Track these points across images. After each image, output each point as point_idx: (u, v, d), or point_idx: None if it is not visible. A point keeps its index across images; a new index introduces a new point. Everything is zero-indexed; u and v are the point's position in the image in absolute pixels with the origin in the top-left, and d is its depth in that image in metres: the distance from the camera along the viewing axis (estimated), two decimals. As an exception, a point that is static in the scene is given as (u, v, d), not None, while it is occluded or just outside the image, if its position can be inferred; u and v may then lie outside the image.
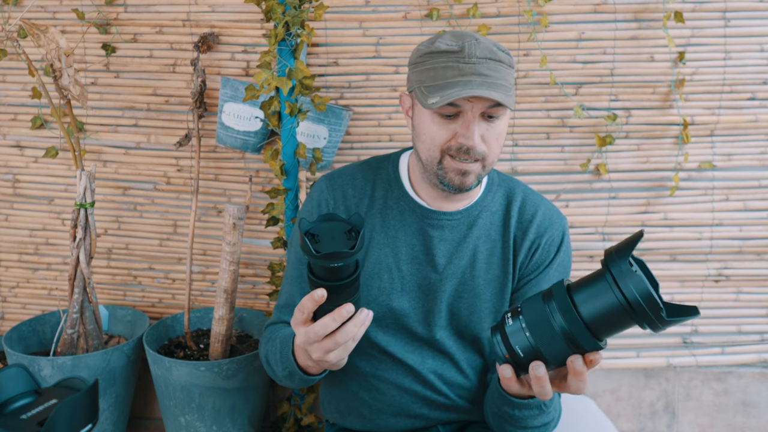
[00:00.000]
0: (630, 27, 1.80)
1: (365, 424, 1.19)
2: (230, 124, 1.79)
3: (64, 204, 2.00)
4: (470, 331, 1.14)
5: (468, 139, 1.01)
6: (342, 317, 0.82)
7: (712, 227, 1.90)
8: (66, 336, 1.74)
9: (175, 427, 1.74)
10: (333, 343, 0.85)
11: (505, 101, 0.98)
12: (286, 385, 1.10)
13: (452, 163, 1.04)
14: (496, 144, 1.05)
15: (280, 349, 1.05)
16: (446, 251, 1.13)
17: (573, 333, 0.70)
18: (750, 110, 1.84)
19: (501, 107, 1.01)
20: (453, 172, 1.05)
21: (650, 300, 0.66)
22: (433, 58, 1.03)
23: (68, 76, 1.60)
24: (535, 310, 0.73)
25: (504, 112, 1.03)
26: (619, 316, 0.68)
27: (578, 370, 0.73)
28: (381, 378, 1.16)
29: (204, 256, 1.99)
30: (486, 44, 1.01)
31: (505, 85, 1.01)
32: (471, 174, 1.05)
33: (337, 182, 1.18)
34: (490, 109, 1.01)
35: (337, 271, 0.78)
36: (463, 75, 0.99)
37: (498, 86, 0.99)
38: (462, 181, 1.05)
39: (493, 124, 1.03)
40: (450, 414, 1.18)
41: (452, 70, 1.00)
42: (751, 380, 1.93)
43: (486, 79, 0.99)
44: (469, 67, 0.99)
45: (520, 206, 1.16)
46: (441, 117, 1.03)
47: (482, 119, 1.02)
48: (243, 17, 1.84)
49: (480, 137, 1.02)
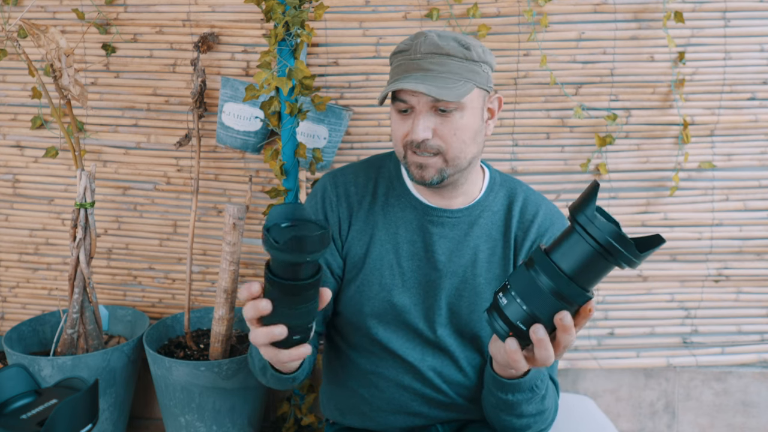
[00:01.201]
0: (630, 27, 1.80)
1: (365, 421, 1.20)
2: (230, 124, 1.79)
3: (64, 204, 2.00)
4: (470, 330, 1.14)
5: (413, 133, 1.04)
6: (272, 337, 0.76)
7: (712, 227, 1.90)
8: (66, 336, 1.74)
9: (175, 427, 1.74)
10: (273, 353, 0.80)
11: (437, 94, 0.98)
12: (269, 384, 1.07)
13: (412, 157, 1.07)
14: (455, 139, 1.05)
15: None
16: (446, 249, 1.14)
17: (560, 289, 0.73)
18: (750, 110, 1.84)
19: (449, 102, 1.02)
20: (414, 165, 1.08)
21: (620, 238, 0.69)
22: (394, 59, 1.09)
23: (68, 76, 1.60)
24: (522, 280, 0.76)
25: (459, 107, 1.03)
26: (596, 261, 0.71)
27: (566, 325, 0.75)
28: (381, 375, 1.16)
29: (204, 256, 1.99)
30: (433, 40, 1.04)
31: (450, 78, 1.01)
32: (430, 168, 1.06)
33: (340, 180, 1.19)
34: (438, 103, 1.02)
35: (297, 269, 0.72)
36: (407, 71, 1.03)
37: (437, 79, 1.01)
38: (422, 174, 1.07)
39: (448, 118, 1.04)
40: (449, 412, 1.18)
41: (401, 67, 1.05)
42: (751, 380, 1.93)
43: (427, 74, 1.02)
44: (413, 63, 1.03)
45: (522, 206, 1.17)
46: (398, 113, 1.08)
47: (434, 113, 1.04)
48: (243, 17, 1.84)
49: (429, 130, 1.04)
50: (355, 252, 1.14)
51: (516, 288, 0.77)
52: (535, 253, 0.76)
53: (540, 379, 1.02)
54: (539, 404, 1.04)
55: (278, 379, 1.01)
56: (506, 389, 1.01)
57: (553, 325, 0.76)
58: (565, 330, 0.75)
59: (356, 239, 1.15)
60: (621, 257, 0.70)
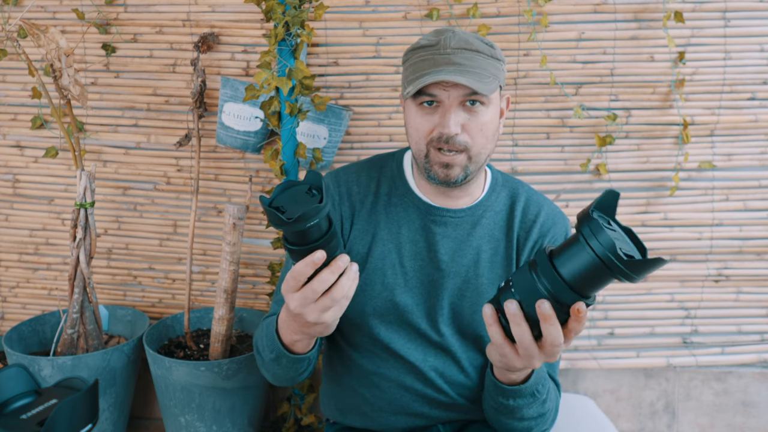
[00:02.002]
0: (630, 27, 1.80)
1: (365, 421, 1.20)
2: (230, 124, 1.79)
3: (64, 204, 2.00)
4: (473, 330, 1.14)
5: (444, 127, 1.03)
6: (339, 269, 0.82)
7: (712, 227, 1.90)
8: (66, 336, 1.74)
9: (175, 427, 1.74)
10: (330, 300, 0.83)
11: (476, 86, 0.99)
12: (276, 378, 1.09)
13: (437, 155, 1.05)
14: (481, 135, 1.05)
15: (266, 332, 1.05)
16: (449, 248, 1.14)
17: (558, 294, 0.75)
18: (750, 110, 1.84)
19: (480, 95, 1.02)
20: (437, 165, 1.06)
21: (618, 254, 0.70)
22: (415, 54, 1.06)
23: (68, 76, 1.60)
24: (524, 279, 0.78)
25: (486, 102, 1.04)
26: (594, 271, 0.72)
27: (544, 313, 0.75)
28: (382, 375, 1.16)
29: (204, 256, 1.99)
30: (462, 35, 1.03)
31: (482, 73, 1.01)
32: (455, 167, 1.06)
33: (342, 179, 1.19)
34: (469, 97, 1.02)
35: (313, 231, 0.78)
36: (437, 65, 1.02)
37: (471, 73, 1.00)
38: (447, 174, 1.06)
39: (475, 114, 1.04)
40: (450, 413, 1.18)
41: (428, 62, 1.03)
42: (751, 380, 1.93)
43: (459, 67, 1.01)
44: (443, 58, 1.02)
45: (524, 207, 1.17)
46: (422, 108, 1.06)
47: (462, 108, 1.03)
48: (243, 17, 1.84)
49: (459, 125, 1.03)
50: (357, 251, 1.14)
51: (517, 286, 0.78)
52: (539, 255, 0.77)
53: (541, 384, 1.02)
54: (540, 407, 1.05)
55: (293, 362, 1.01)
56: (507, 394, 1.01)
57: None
58: (545, 319, 0.75)
59: (358, 238, 1.15)
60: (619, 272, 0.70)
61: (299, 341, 0.97)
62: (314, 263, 0.80)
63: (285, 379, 1.09)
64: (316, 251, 0.80)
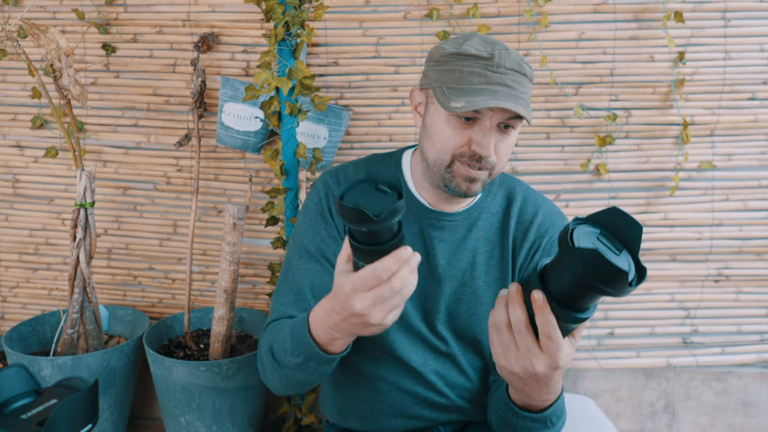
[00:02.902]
0: (630, 27, 1.80)
1: (365, 424, 1.19)
2: (230, 124, 1.79)
3: (64, 204, 2.00)
4: (470, 333, 1.14)
5: (483, 148, 1.01)
6: (415, 267, 0.78)
7: (712, 227, 1.90)
8: (66, 336, 1.74)
9: (175, 427, 1.74)
10: (401, 299, 0.78)
11: (526, 115, 0.98)
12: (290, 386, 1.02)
13: (461, 169, 1.03)
14: (506, 155, 1.06)
15: (290, 335, 0.97)
16: (446, 252, 1.13)
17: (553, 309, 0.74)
18: (750, 110, 1.84)
19: (518, 120, 1.01)
20: (461, 177, 1.04)
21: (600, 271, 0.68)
22: (459, 60, 1.01)
23: (68, 76, 1.60)
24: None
25: (519, 124, 1.04)
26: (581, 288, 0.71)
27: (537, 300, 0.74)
28: (383, 378, 1.16)
29: (204, 256, 1.99)
30: (514, 56, 1.01)
31: (525, 98, 1.01)
32: (478, 182, 1.05)
33: (342, 177, 1.18)
34: (508, 120, 1.01)
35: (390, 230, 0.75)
36: (490, 83, 0.98)
37: (520, 99, 0.99)
38: (469, 187, 1.05)
39: (506, 135, 1.04)
40: (450, 414, 1.18)
41: (479, 76, 0.99)
42: (751, 380, 1.93)
43: (511, 91, 0.99)
44: (497, 77, 0.99)
45: (520, 207, 1.16)
46: (458, 120, 1.02)
47: (498, 130, 1.02)
48: (243, 17, 1.84)
49: (494, 147, 1.02)
50: None
51: None
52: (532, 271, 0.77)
53: (556, 416, 0.98)
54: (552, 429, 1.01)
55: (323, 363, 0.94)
56: (519, 417, 0.97)
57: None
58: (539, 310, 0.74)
59: None
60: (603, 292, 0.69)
61: (339, 339, 0.90)
62: (404, 261, 0.75)
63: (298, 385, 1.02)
64: (406, 248, 0.76)
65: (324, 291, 1.08)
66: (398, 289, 0.77)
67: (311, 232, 1.14)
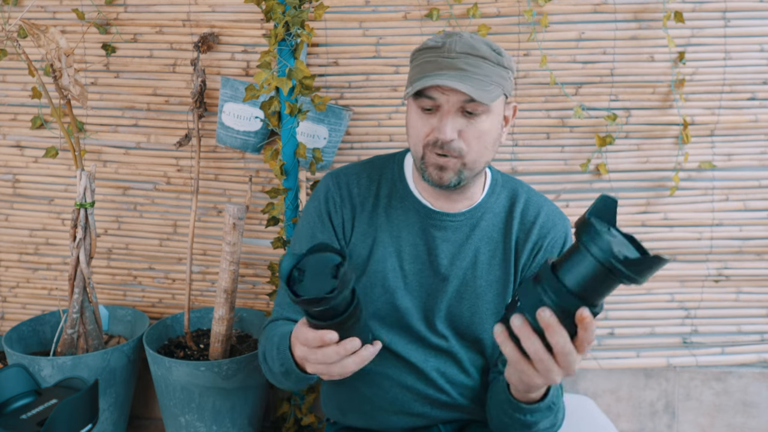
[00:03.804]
0: (630, 27, 1.80)
1: (366, 421, 1.19)
2: (230, 124, 1.79)
3: (64, 204, 2.00)
4: (472, 333, 1.14)
5: (440, 132, 1.02)
6: (346, 351, 0.82)
7: (712, 227, 1.90)
8: (66, 336, 1.74)
9: (175, 427, 1.74)
10: (330, 370, 0.85)
11: (475, 95, 0.97)
12: (283, 385, 1.08)
13: (432, 157, 1.05)
14: (478, 142, 1.04)
15: (277, 345, 1.03)
16: (449, 252, 1.13)
17: (564, 305, 0.73)
18: (750, 110, 1.84)
19: (479, 104, 1.01)
20: (432, 166, 1.06)
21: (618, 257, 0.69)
22: (421, 55, 1.06)
23: (68, 76, 1.60)
24: (530, 295, 0.76)
25: (486, 111, 1.03)
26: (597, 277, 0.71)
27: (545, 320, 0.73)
28: (384, 375, 1.16)
29: (204, 256, 1.99)
30: (469, 40, 1.02)
31: (483, 80, 1.00)
32: (449, 170, 1.05)
33: (343, 180, 1.18)
34: (467, 104, 1.01)
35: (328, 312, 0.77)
36: (439, 68, 1.01)
37: (472, 80, 0.99)
38: (440, 176, 1.05)
39: (474, 121, 1.03)
40: (451, 412, 1.18)
41: (432, 64, 1.02)
42: (751, 380, 1.93)
43: (461, 73, 0.99)
44: (447, 62, 1.01)
45: (523, 208, 1.16)
46: (422, 111, 1.05)
47: (461, 115, 1.03)
48: (243, 17, 1.84)
49: (455, 132, 1.02)
50: (359, 254, 1.14)
51: (523, 301, 0.76)
52: (543, 268, 0.76)
53: (557, 396, 1.00)
54: (554, 418, 1.03)
55: (303, 379, 1.01)
56: (524, 411, 0.98)
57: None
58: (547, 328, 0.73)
59: (359, 241, 1.14)
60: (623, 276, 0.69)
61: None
62: (324, 341, 0.80)
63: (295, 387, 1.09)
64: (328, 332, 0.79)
65: None
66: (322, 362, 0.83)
67: (308, 234, 1.16)
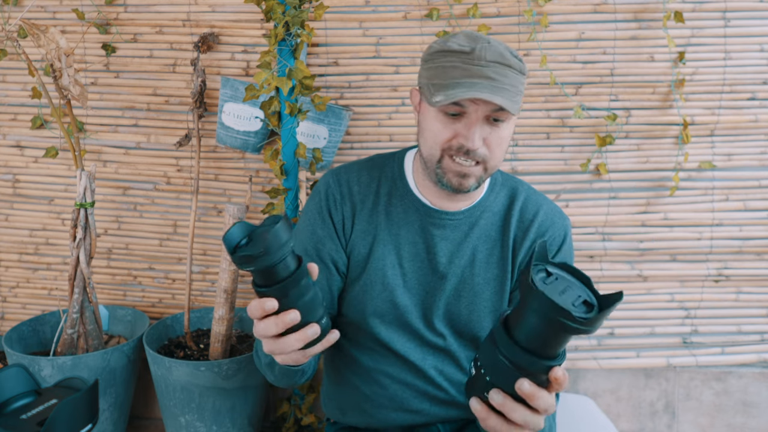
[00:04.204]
0: (630, 27, 1.80)
1: (366, 419, 1.20)
2: (230, 124, 1.79)
3: (64, 204, 2.00)
4: (469, 331, 1.14)
5: (468, 141, 1.02)
6: (284, 324, 0.78)
7: (712, 227, 1.90)
8: (66, 336, 1.74)
9: (175, 427, 1.74)
10: (276, 348, 0.81)
11: (508, 106, 0.98)
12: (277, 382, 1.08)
13: (451, 164, 1.04)
14: (499, 149, 1.05)
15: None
16: (447, 251, 1.14)
17: (518, 361, 0.70)
18: (750, 110, 1.84)
19: (506, 112, 1.01)
20: (452, 173, 1.05)
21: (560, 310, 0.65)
22: (443, 57, 1.03)
23: (68, 76, 1.60)
24: (486, 352, 0.74)
25: (509, 118, 1.03)
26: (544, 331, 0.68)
27: (526, 393, 0.71)
28: (383, 372, 1.17)
29: (204, 256, 1.99)
30: (497, 48, 1.01)
31: (512, 90, 1.00)
32: (471, 177, 1.05)
33: (344, 178, 1.18)
34: (495, 113, 1.01)
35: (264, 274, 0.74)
36: (470, 76, 0.99)
37: (503, 90, 0.99)
38: (461, 182, 1.06)
39: (497, 128, 1.03)
40: (450, 410, 1.19)
41: (460, 70, 1.00)
42: (751, 380, 1.93)
43: (492, 83, 0.99)
44: (477, 69, 0.99)
45: (522, 206, 1.17)
46: (445, 115, 1.03)
47: (486, 122, 1.03)
48: (243, 17, 1.84)
49: (481, 140, 1.02)
50: (359, 252, 1.15)
51: (482, 360, 0.75)
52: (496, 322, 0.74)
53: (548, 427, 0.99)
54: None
55: (286, 372, 1.00)
56: None
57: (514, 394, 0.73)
58: (528, 397, 0.71)
59: (360, 239, 1.15)
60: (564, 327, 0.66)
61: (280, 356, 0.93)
62: (263, 309, 0.76)
63: (283, 383, 1.08)
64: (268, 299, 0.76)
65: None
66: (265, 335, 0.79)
67: (309, 231, 1.16)
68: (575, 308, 0.67)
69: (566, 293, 0.69)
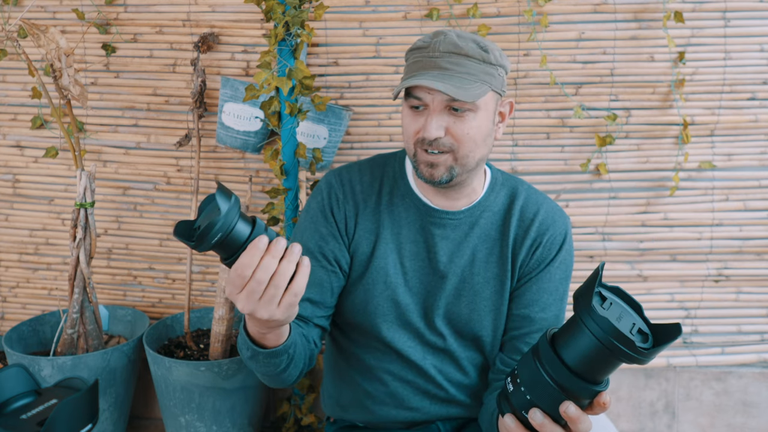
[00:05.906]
0: (630, 27, 1.80)
1: (366, 415, 1.20)
2: (230, 124, 1.79)
3: (64, 204, 2.00)
4: (470, 330, 1.15)
5: (425, 131, 1.04)
6: (279, 252, 0.75)
7: (712, 227, 1.90)
8: (66, 336, 1.74)
9: (175, 427, 1.74)
10: (274, 289, 0.76)
11: (454, 93, 0.98)
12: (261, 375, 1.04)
13: (422, 155, 1.07)
14: (467, 138, 1.05)
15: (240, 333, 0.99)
16: (448, 250, 1.14)
17: (564, 383, 0.70)
18: (750, 110, 1.84)
19: (463, 102, 1.01)
20: (423, 164, 1.07)
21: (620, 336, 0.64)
22: (411, 54, 1.08)
23: (68, 76, 1.60)
24: (528, 369, 0.73)
25: (472, 107, 1.03)
26: (599, 357, 0.67)
27: (571, 416, 0.71)
28: (384, 370, 1.17)
29: (204, 256, 1.99)
30: (452, 39, 1.03)
31: (468, 78, 1.01)
32: (440, 166, 1.06)
33: (346, 177, 1.19)
34: (453, 102, 1.02)
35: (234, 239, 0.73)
36: (423, 68, 1.03)
37: (454, 78, 1.00)
38: (431, 173, 1.07)
39: (461, 118, 1.04)
40: (450, 408, 1.19)
41: (418, 64, 1.05)
42: (751, 380, 1.93)
43: (443, 72, 1.01)
44: (431, 61, 1.03)
45: (522, 205, 1.17)
46: (411, 109, 1.07)
47: (448, 113, 1.04)
48: (243, 17, 1.84)
49: (441, 129, 1.04)
50: (363, 250, 1.15)
51: (522, 376, 0.74)
52: (542, 340, 0.73)
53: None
54: None
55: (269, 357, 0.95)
56: None
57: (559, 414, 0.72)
58: (572, 421, 0.71)
59: (363, 238, 1.15)
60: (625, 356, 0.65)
61: (266, 333, 0.91)
62: (259, 249, 0.74)
63: (270, 378, 1.04)
64: (261, 238, 0.74)
65: (319, 288, 1.11)
66: (264, 279, 0.75)
67: (311, 229, 1.16)
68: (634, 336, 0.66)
69: (622, 320, 0.68)
